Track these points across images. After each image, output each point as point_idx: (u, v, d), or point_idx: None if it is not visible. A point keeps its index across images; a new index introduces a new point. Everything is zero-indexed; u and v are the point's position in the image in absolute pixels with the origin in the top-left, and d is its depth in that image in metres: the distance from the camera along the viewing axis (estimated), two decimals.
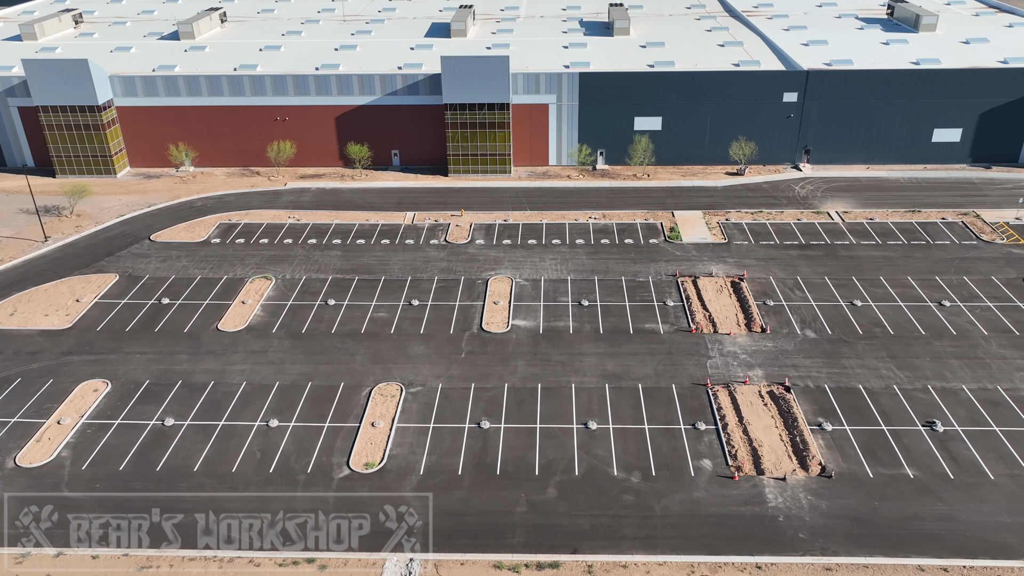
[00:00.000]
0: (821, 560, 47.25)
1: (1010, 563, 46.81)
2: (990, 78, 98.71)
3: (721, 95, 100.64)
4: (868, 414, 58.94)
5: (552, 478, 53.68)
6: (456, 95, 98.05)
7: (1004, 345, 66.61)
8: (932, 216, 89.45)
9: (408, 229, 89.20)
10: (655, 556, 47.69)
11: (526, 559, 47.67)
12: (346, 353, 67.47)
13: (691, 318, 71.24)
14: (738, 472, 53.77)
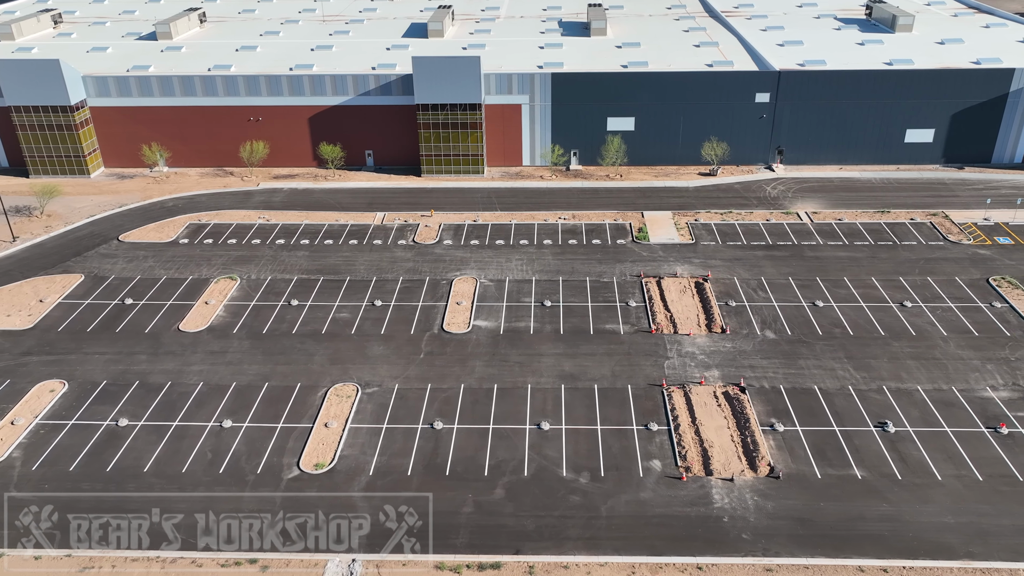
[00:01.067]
0: (762, 561, 47.30)
1: (950, 563, 46.86)
2: (962, 79, 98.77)
3: (694, 95, 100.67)
4: (821, 415, 58.99)
5: (501, 479, 53.70)
6: (428, 95, 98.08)
7: (962, 346, 66.66)
8: (901, 217, 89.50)
9: (377, 229, 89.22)
10: (597, 557, 47.73)
11: (468, 560, 47.69)
12: (305, 354, 67.49)
13: (652, 319, 71.28)
14: (687, 473, 53.82)
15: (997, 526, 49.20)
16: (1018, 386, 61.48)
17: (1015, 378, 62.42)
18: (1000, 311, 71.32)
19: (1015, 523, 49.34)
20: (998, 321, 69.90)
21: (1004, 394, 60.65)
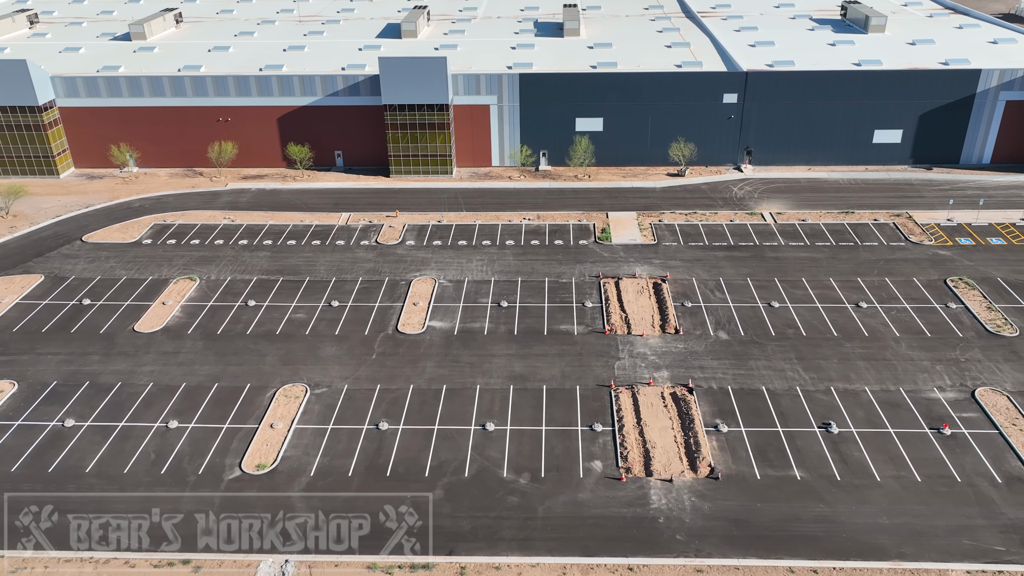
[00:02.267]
0: (693, 562, 47.35)
1: (880, 564, 46.92)
2: (929, 79, 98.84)
3: (662, 96, 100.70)
4: (766, 416, 59.05)
5: (441, 479, 53.74)
6: (395, 96, 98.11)
7: (914, 347, 66.71)
8: (865, 217, 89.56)
9: (341, 230, 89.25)
10: (529, 558, 47.77)
11: (400, 560, 47.75)
12: (257, 354, 67.52)
13: (606, 319, 71.33)
14: (626, 474, 53.86)
15: (931, 527, 49.27)
16: (965, 387, 61.55)
17: (963, 379, 62.49)
18: (955, 312, 71.36)
19: (948, 524, 49.41)
20: (952, 322, 69.96)
21: (951, 395, 60.70)
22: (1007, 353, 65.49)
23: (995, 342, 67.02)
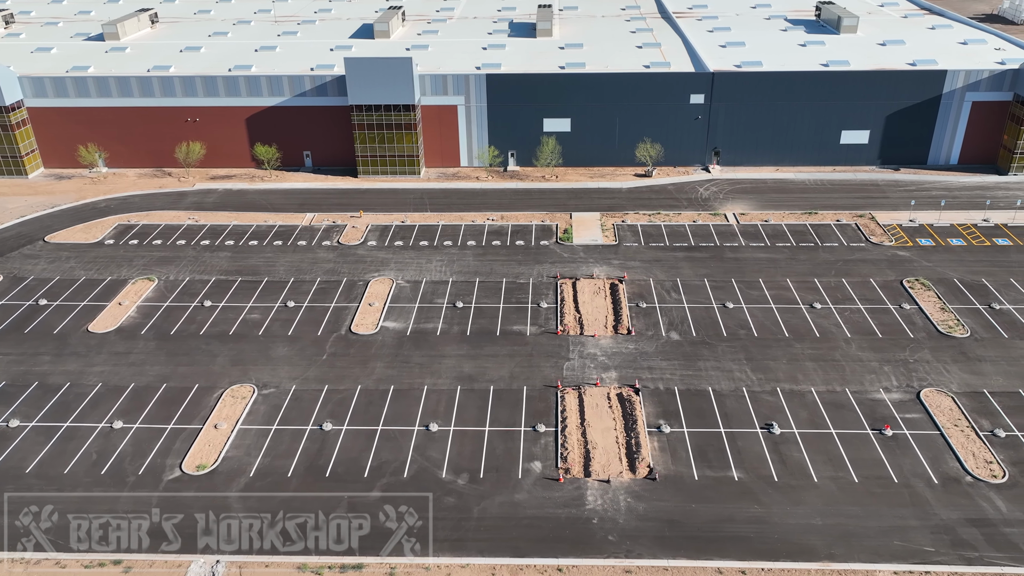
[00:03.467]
0: (623, 562, 47.40)
1: (808, 565, 46.98)
2: (896, 80, 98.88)
3: (630, 97, 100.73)
4: (710, 416, 59.09)
5: (379, 480, 53.79)
6: (361, 96, 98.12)
7: (863, 348, 66.77)
8: (827, 218, 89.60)
9: (304, 231, 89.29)
10: (459, 559, 47.82)
11: (330, 561, 47.80)
12: (208, 355, 67.56)
13: (560, 320, 71.36)
14: (565, 474, 53.91)
15: (863, 527, 49.32)
16: (911, 388, 61.61)
17: (909, 380, 62.55)
18: (908, 313, 71.43)
19: (881, 524, 49.48)
20: (904, 323, 70.01)
21: (896, 396, 60.77)
22: (956, 354, 65.55)
23: (945, 343, 67.07)
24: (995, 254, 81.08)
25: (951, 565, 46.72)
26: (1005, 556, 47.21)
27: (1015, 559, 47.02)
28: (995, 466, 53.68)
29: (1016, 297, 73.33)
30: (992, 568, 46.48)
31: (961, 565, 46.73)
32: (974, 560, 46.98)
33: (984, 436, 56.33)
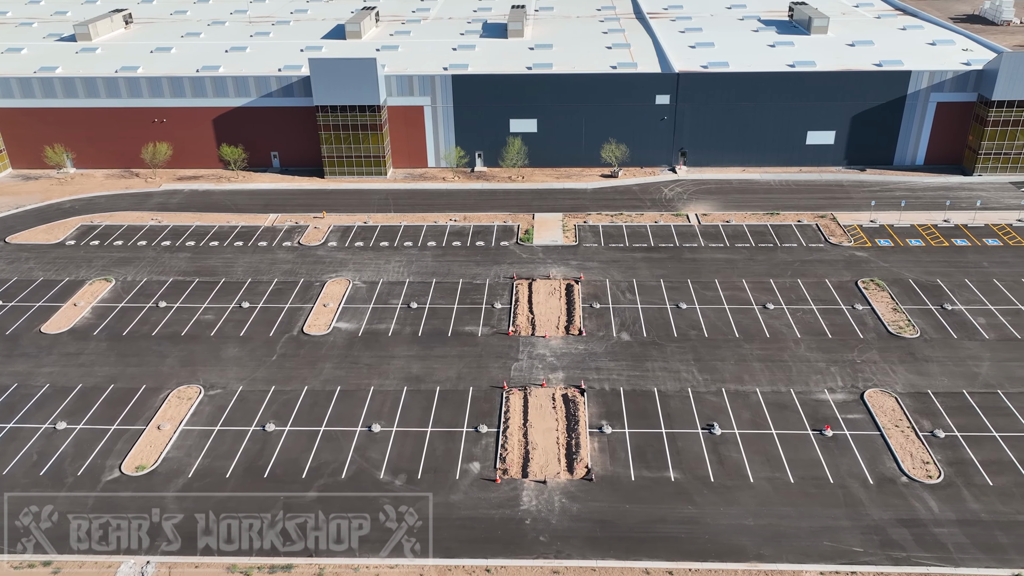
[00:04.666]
0: (552, 563, 47.47)
1: (735, 566, 47.06)
2: (861, 81, 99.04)
3: (596, 97, 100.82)
4: (653, 417, 59.17)
5: (317, 481, 53.84)
6: (326, 97, 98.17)
7: (812, 348, 66.87)
8: (789, 219, 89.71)
9: (265, 231, 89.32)
10: (388, 559, 47.89)
11: (260, 562, 47.84)
12: (158, 356, 67.59)
13: (512, 321, 71.43)
14: (503, 475, 53.98)
15: (794, 528, 49.41)
16: (856, 388, 61.72)
17: (855, 380, 62.66)
18: (860, 313, 71.53)
19: (813, 525, 49.57)
20: (855, 323, 70.12)
21: (840, 396, 60.88)
22: (904, 355, 65.68)
23: (894, 343, 67.20)
24: (952, 255, 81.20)
25: (878, 565, 46.81)
26: (932, 556, 47.32)
27: (942, 559, 47.13)
28: (931, 466, 53.80)
29: (969, 298, 73.46)
30: (918, 568, 46.58)
31: (888, 565, 46.82)
32: (901, 560, 47.09)
33: (923, 437, 56.44)
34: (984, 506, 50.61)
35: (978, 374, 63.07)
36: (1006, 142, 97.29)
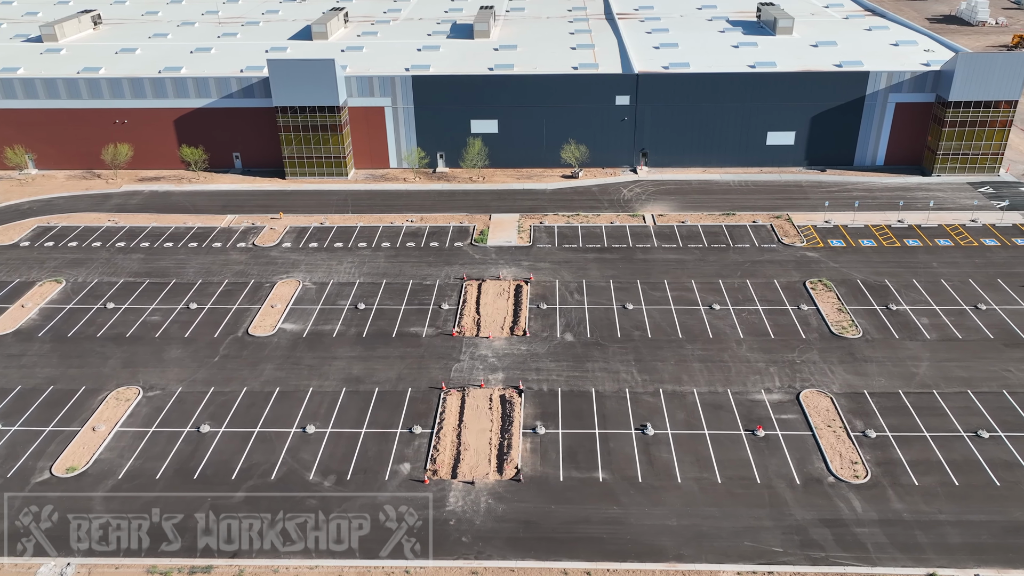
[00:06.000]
0: (471, 564, 47.55)
1: (654, 566, 47.18)
2: (819, 81, 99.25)
3: (556, 98, 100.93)
4: (588, 417, 59.26)
5: (246, 482, 53.86)
6: (285, 98, 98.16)
7: (754, 348, 67.02)
8: (744, 219, 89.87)
9: (221, 232, 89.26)
10: (309, 560, 47.94)
11: (179, 564, 47.86)
12: (101, 357, 67.55)
13: (457, 321, 71.50)
14: (432, 476, 54.03)
15: (717, 528, 49.54)
16: (792, 388, 61.88)
17: (793, 380, 62.83)
18: (804, 314, 71.71)
19: (735, 525, 49.70)
20: (799, 324, 70.29)
21: (776, 396, 61.04)
22: (844, 355, 65.86)
23: (835, 344, 67.38)
24: (903, 255, 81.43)
25: (795, 565, 46.95)
26: (851, 556, 47.48)
27: (860, 559, 47.29)
28: (859, 466, 53.98)
29: (915, 298, 73.67)
30: (835, 568, 46.74)
31: (805, 565, 46.97)
32: (819, 560, 47.24)
33: (854, 437, 56.62)
34: (907, 506, 50.79)
35: (916, 374, 63.28)
36: (964, 142, 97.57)
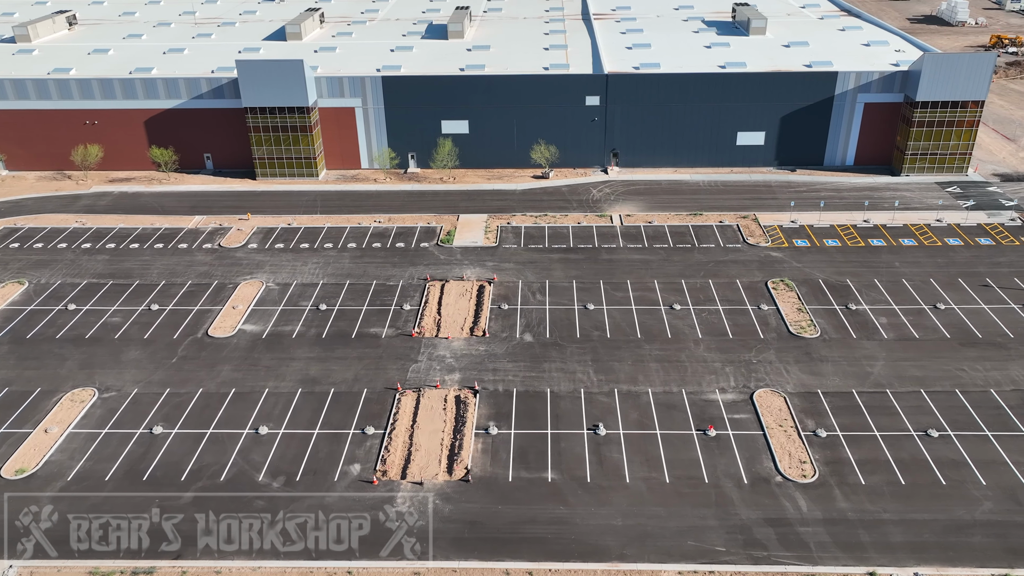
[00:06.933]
0: (413, 564, 47.61)
1: (596, 566, 47.28)
2: (788, 82, 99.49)
3: (527, 98, 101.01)
4: (541, 418, 59.34)
5: (195, 483, 53.83)
6: (255, 99, 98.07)
7: (711, 348, 67.16)
8: (711, 219, 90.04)
9: (188, 233, 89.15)
10: (251, 562, 47.95)
11: (123, 565, 47.83)
12: (59, 359, 67.43)
13: (418, 322, 71.53)
14: (382, 476, 54.07)
15: (662, 528, 49.66)
16: (747, 388, 62.04)
17: (748, 380, 62.98)
18: (764, 314, 71.89)
19: (680, 525, 49.82)
20: (758, 323, 70.47)
21: (729, 396, 61.18)
22: (800, 354, 66.05)
23: (793, 343, 67.58)
24: (867, 255, 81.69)
25: (737, 565, 47.11)
26: (793, 555, 47.64)
27: (801, 558, 47.45)
28: (807, 466, 54.14)
29: (875, 298, 73.91)
30: (775, 567, 46.89)
31: (746, 564, 47.13)
32: (761, 560, 47.39)
33: (805, 436, 56.79)
34: (852, 505, 50.98)
35: (870, 373, 63.49)
36: (932, 142, 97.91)
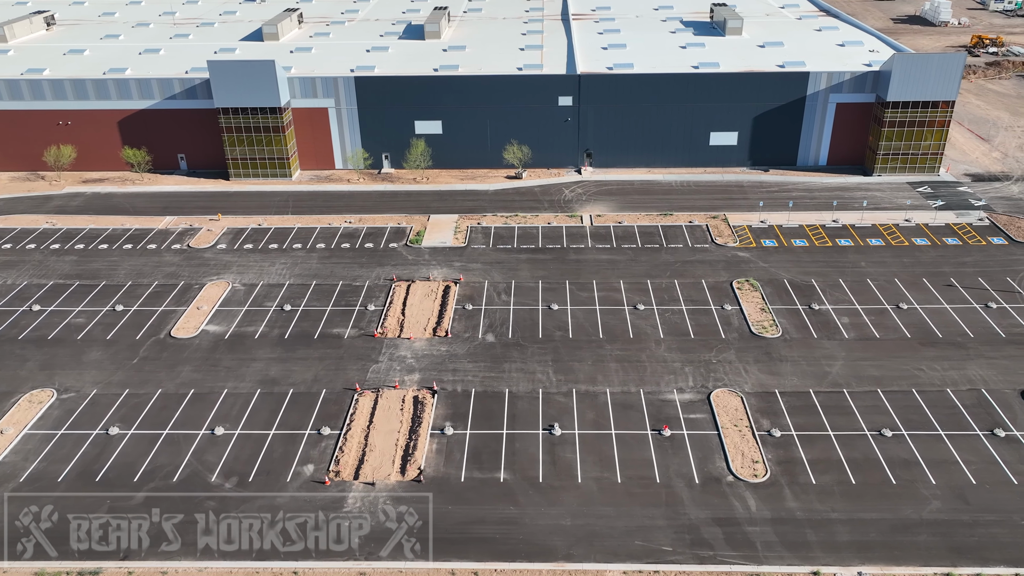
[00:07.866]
0: (360, 565, 47.66)
1: (541, 566, 47.36)
2: (760, 82, 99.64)
3: (500, 99, 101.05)
4: (498, 418, 59.40)
5: (148, 484, 53.81)
6: (227, 99, 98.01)
7: (672, 348, 67.26)
8: (681, 220, 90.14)
9: (158, 234, 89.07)
10: (198, 562, 47.97)
11: (69, 566, 47.84)
12: (19, 359, 67.36)
13: (381, 322, 71.55)
14: (334, 477, 54.09)
15: (609, 528, 49.74)
16: (705, 388, 62.14)
17: (706, 380, 63.09)
18: (727, 314, 72.00)
19: (628, 525, 49.90)
20: (721, 323, 70.58)
21: (687, 396, 61.29)
22: (760, 354, 66.17)
23: (754, 343, 67.68)
24: (833, 255, 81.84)
25: (682, 564, 47.22)
26: (739, 555, 47.75)
27: (747, 557, 47.57)
28: (759, 465, 54.25)
29: (839, 298, 74.06)
30: (720, 567, 47.00)
31: (692, 564, 47.24)
32: (706, 559, 47.50)
33: (759, 436, 56.91)
34: (801, 504, 51.11)
35: (829, 373, 63.64)
36: (903, 143, 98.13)
